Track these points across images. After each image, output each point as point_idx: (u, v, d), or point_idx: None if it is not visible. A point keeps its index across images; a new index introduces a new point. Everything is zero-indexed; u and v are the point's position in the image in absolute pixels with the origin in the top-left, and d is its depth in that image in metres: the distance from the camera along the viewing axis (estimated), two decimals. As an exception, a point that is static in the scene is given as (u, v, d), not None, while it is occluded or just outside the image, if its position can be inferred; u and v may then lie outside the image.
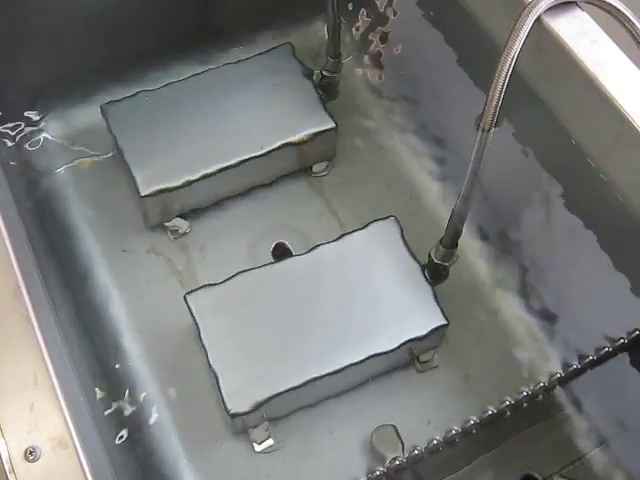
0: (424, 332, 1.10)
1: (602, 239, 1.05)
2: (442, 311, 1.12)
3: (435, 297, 1.12)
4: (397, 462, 1.03)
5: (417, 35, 1.29)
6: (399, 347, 1.09)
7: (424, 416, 1.13)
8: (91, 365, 1.11)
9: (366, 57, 1.41)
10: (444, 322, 1.11)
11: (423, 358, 1.17)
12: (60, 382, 0.73)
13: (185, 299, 1.10)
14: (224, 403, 1.04)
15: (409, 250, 1.15)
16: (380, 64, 1.39)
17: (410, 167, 1.33)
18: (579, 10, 0.98)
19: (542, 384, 0.98)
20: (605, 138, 0.95)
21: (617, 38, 0.96)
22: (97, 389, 1.09)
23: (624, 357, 1.04)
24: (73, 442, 0.70)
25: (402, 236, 1.16)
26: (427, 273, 1.15)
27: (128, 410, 1.11)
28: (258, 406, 1.05)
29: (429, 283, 1.14)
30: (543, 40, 0.98)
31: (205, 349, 1.07)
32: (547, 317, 1.20)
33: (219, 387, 1.05)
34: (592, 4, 0.97)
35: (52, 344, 0.77)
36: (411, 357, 1.16)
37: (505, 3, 1.03)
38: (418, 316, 1.12)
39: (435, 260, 1.14)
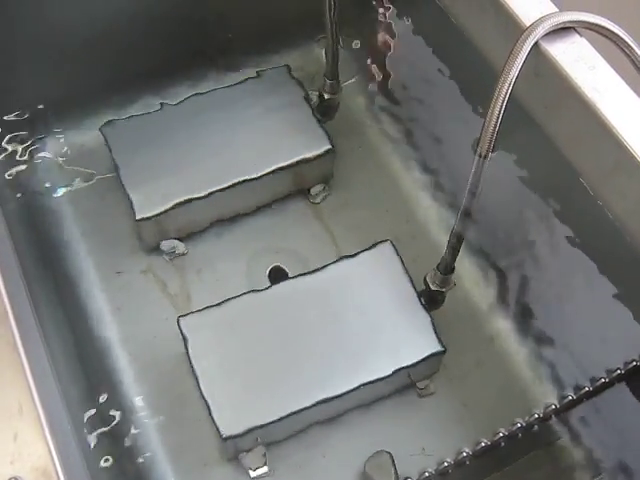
0: (420, 358, 1.09)
1: (601, 267, 1.04)
2: (438, 338, 1.10)
3: (432, 323, 1.11)
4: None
5: (416, 60, 1.29)
6: (394, 374, 1.08)
7: (419, 443, 1.11)
8: (81, 390, 1.09)
9: (366, 82, 1.41)
10: (440, 349, 1.10)
11: (420, 385, 1.15)
12: (46, 411, 0.72)
13: (178, 322, 1.09)
14: (216, 426, 1.03)
15: (406, 274, 1.14)
16: (380, 88, 1.39)
17: (409, 191, 1.32)
18: (577, 36, 0.97)
19: (537, 415, 0.96)
20: (603, 165, 0.94)
21: (616, 64, 0.96)
22: (86, 415, 1.08)
23: (622, 386, 1.03)
24: (57, 472, 0.69)
25: (399, 260, 1.15)
26: (423, 299, 1.14)
27: (117, 435, 1.09)
28: (250, 430, 1.03)
29: (425, 309, 1.13)
30: (541, 65, 0.97)
31: (196, 373, 1.06)
32: (544, 346, 1.18)
33: (210, 411, 1.04)
34: (591, 30, 0.97)
35: (39, 372, 0.76)
36: (408, 383, 1.14)
37: (503, 28, 1.03)
38: (414, 342, 1.10)
39: (431, 286, 1.13)
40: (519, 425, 0.97)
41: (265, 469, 1.08)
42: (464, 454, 1.02)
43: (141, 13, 1.25)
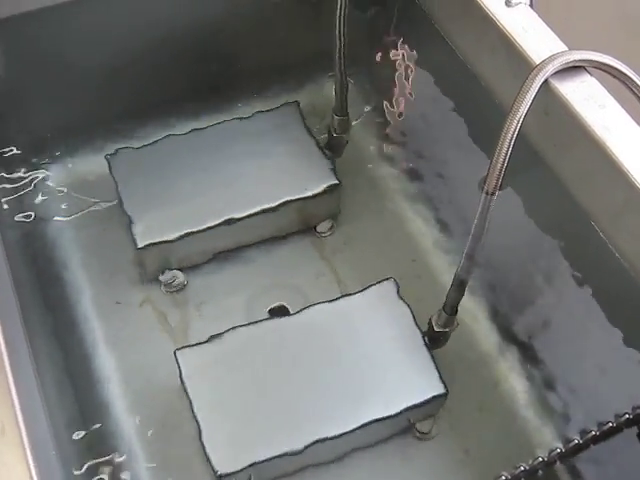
0: (422, 400, 1.06)
1: (610, 311, 1.02)
2: (441, 379, 1.08)
3: (435, 364, 1.08)
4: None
5: (425, 98, 1.29)
6: (395, 415, 1.05)
7: (419, 489, 1.08)
8: (71, 419, 1.07)
9: (375, 119, 1.41)
10: (443, 391, 1.07)
11: (421, 428, 1.12)
12: (30, 434, 0.70)
13: (175, 355, 1.07)
14: (211, 463, 1.00)
15: (410, 313, 1.12)
16: (389, 126, 1.39)
17: (415, 230, 1.30)
18: (587, 75, 0.97)
19: (541, 459, 0.93)
20: (612, 204, 0.92)
21: (625, 103, 0.95)
22: (75, 443, 1.05)
23: (631, 432, 1.00)
24: (35, 497, 0.67)
25: (401, 298, 1.13)
26: (427, 338, 1.11)
27: (106, 470, 1.06)
28: (245, 468, 1.00)
29: (429, 349, 1.10)
30: (551, 104, 0.97)
31: (192, 407, 1.03)
32: (550, 390, 1.15)
33: (205, 447, 1.01)
34: (600, 69, 0.96)
35: (26, 394, 0.74)
36: (408, 425, 1.11)
37: (514, 66, 1.02)
38: (416, 383, 1.07)
39: (435, 327, 1.11)
40: (522, 469, 0.93)
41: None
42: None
43: (156, 47, 1.27)
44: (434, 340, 1.12)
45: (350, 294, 1.14)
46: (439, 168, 1.31)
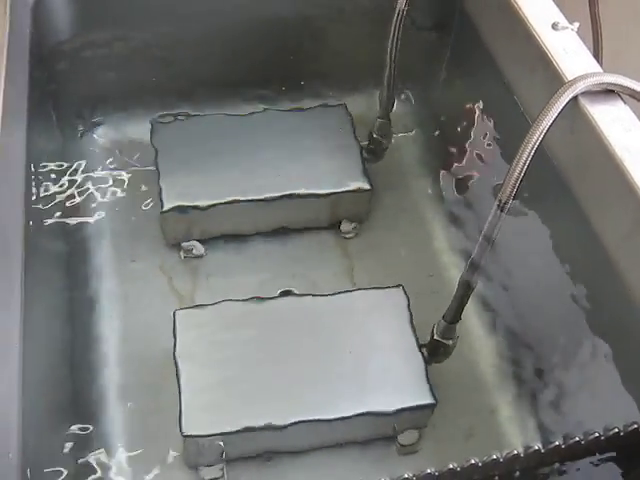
0: (408, 405, 1.04)
1: (615, 347, 0.98)
2: (431, 389, 1.05)
3: (427, 375, 1.06)
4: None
5: (471, 123, 1.29)
6: (377, 415, 1.03)
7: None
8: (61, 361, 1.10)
9: (422, 137, 1.42)
10: (431, 401, 1.05)
11: (404, 441, 1.10)
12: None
13: (174, 315, 1.08)
14: (180, 422, 1.00)
15: (410, 322, 1.11)
16: (434, 145, 1.40)
17: (439, 248, 1.30)
18: (620, 101, 0.96)
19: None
20: (623, 225, 0.90)
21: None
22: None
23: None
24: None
25: (407, 307, 1.12)
26: (427, 349, 1.10)
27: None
28: (213, 435, 1.00)
29: (424, 359, 1.08)
30: (577, 123, 0.96)
31: (178, 367, 1.04)
32: (548, 428, 1.11)
33: (180, 405, 1.01)
34: (633, 97, 0.95)
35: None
36: (392, 433, 1.09)
37: (549, 86, 1.02)
38: (406, 389, 1.06)
39: (435, 336, 1.09)
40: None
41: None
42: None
43: (228, 30, 1.32)
44: (434, 351, 1.10)
45: (357, 289, 1.14)
46: (475, 194, 1.31)
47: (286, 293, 1.21)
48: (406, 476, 0.73)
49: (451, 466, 0.76)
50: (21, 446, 0.77)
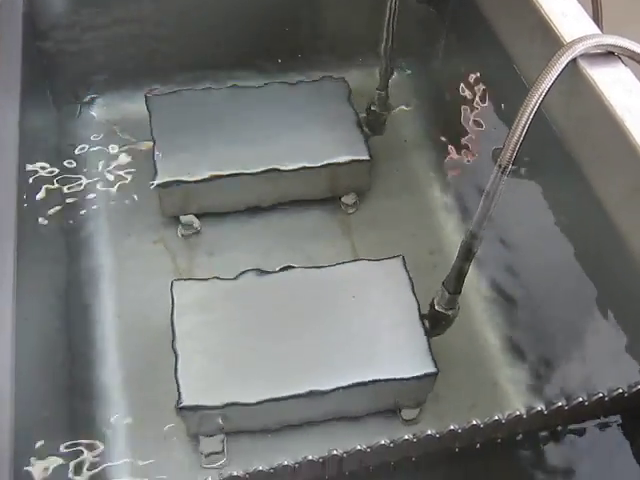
0: (410, 376, 1.03)
1: (619, 311, 0.97)
2: (433, 359, 1.04)
3: (429, 344, 1.05)
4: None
5: (469, 94, 1.28)
6: (377, 384, 1.02)
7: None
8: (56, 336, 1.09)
9: (420, 110, 1.41)
10: (433, 370, 1.03)
11: (406, 415, 1.09)
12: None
13: (171, 286, 1.08)
14: (179, 393, 0.99)
15: (412, 292, 1.10)
16: (432, 118, 1.39)
17: (440, 222, 1.29)
18: (621, 64, 0.95)
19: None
20: (624, 186, 0.89)
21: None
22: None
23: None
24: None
25: (408, 277, 1.11)
26: (428, 321, 1.09)
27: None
28: (211, 408, 0.99)
29: (425, 330, 1.07)
30: (578, 85, 0.95)
31: (175, 338, 1.03)
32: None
33: (177, 377, 1.00)
34: (633, 59, 0.94)
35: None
36: (392, 406, 1.08)
37: (548, 50, 1.01)
38: (407, 359, 1.05)
39: (436, 306, 1.08)
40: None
41: (221, 456, 1.04)
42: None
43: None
44: (435, 323, 1.09)
45: (357, 260, 1.14)
46: (477, 162, 1.29)
47: (285, 269, 1.19)
48: (406, 437, 0.71)
49: (452, 427, 0.75)
50: (14, 421, 0.76)
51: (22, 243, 0.93)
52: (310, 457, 0.81)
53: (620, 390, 0.77)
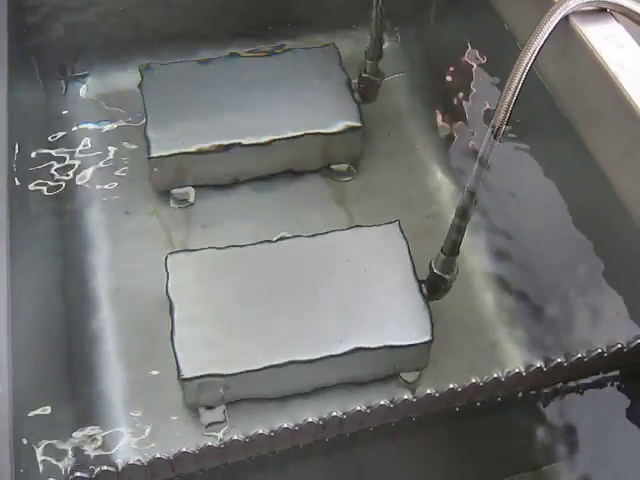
0: (408, 343, 1.03)
1: (615, 266, 0.97)
2: (431, 326, 1.04)
3: (428, 310, 1.05)
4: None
5: (463, 59, 1.27)
6: (376, 350, 1.02)
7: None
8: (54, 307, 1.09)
9: (413, 78, 1.40)
10: (429, 337, 1.03)
11: (405, 377, 1.08)
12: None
13: (165, 259, 1.07)
14: (178, 366, 0.99)
15: (409, 257, 1.10)
16: (424, 85, 1.38)
17: (435, 188, 1.28)
18: (613, 20, 0.94)
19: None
20: (619, 143, 0.88)
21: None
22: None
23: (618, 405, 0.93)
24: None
25: (405, 242, 1.11)
26: (426, 286, 1.08)
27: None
28: (211, 376, 0.99)
29: (423, 296, 1.07)
30: (569, 42, 0.94)
31: (172, 309, 1.03)
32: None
33: (175, 350, 1.01)
34: (627, 16, 0.93)
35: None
36: (391, 371, 1.08)
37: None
38: (405, 325, 1.04)
39: (434, 269, 1.07)
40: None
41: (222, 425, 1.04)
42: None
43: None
44: (433, 288, 1.09)
45: (353, 227, 1.13)
46: (472, 128, 1.28)
47: (281, 239, 1.17)
48: (406, 397, 0.71)
49: (452, 386, 0.74)
50: (12, 384, 0.76)
51: (15, 220, 0.93)
52: (310, 419, 0.81)
53: (619, 345, 0.77)
